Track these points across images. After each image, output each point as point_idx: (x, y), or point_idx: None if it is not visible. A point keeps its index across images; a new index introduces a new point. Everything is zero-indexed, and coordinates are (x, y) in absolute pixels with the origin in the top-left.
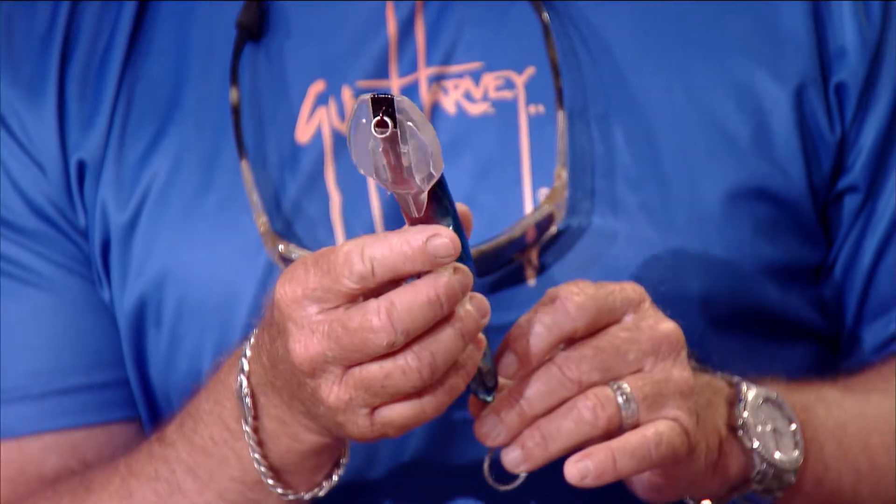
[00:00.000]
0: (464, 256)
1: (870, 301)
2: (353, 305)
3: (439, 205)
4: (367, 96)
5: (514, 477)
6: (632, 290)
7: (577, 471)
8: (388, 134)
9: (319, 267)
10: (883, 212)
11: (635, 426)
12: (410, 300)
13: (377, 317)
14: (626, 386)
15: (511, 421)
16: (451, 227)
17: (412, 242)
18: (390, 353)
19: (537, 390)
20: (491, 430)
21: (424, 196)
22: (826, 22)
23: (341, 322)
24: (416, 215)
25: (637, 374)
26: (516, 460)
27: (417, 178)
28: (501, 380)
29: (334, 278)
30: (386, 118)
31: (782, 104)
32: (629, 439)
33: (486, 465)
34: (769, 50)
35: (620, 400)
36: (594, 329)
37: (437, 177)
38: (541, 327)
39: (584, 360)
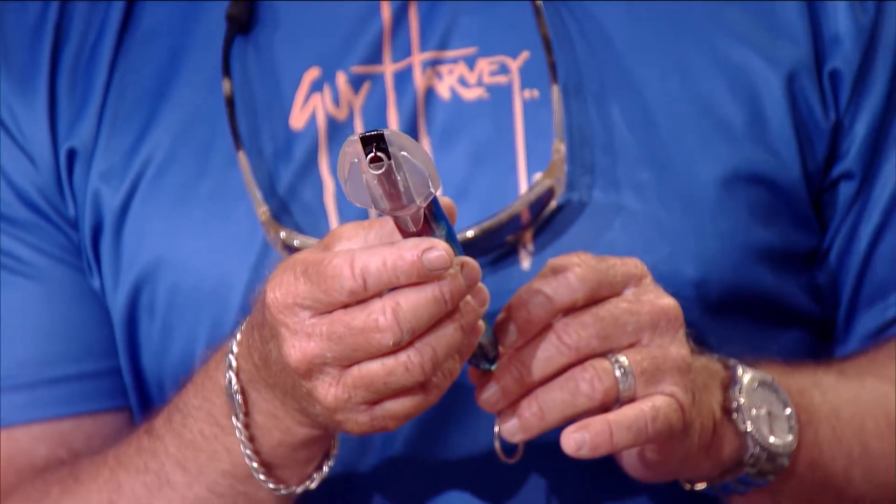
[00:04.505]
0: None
1: (865, 287)
2: (352, 307)
3: (432, 211)
4: (356, 136)
5: (514, 448)
6: (633, 264)
7: (573, 441)
8: (383, 169)
9: (309, 277)
10: (878, 198)
11: (632, 400)
12: (416, 300)
13: (383, 316)
14: (624, 359)
15: (510, 388)
16: (444, 231)
17: (406, 257)
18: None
19: (535, 357)
20: (491, 396)
21: (422, 212)
22: (820, 9)
23: (343, 322)
24: (414, 230)
25: (635, 348)
26: (513, 429)
27: (418, 200)
28: (503, 350)
29: (325, 291)
30: (379, 153)
31: (776, 90)
32: (626, 412)
33: (496, 431)
34: (763, 36)
35: (618, 373)
36: (594, 301)
37: (435, 193)
38: (541, 297)
39: (584, 326)
